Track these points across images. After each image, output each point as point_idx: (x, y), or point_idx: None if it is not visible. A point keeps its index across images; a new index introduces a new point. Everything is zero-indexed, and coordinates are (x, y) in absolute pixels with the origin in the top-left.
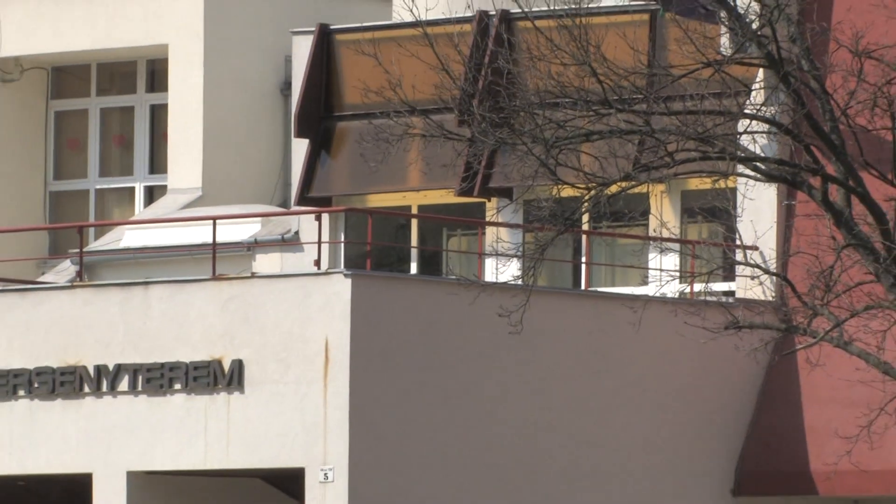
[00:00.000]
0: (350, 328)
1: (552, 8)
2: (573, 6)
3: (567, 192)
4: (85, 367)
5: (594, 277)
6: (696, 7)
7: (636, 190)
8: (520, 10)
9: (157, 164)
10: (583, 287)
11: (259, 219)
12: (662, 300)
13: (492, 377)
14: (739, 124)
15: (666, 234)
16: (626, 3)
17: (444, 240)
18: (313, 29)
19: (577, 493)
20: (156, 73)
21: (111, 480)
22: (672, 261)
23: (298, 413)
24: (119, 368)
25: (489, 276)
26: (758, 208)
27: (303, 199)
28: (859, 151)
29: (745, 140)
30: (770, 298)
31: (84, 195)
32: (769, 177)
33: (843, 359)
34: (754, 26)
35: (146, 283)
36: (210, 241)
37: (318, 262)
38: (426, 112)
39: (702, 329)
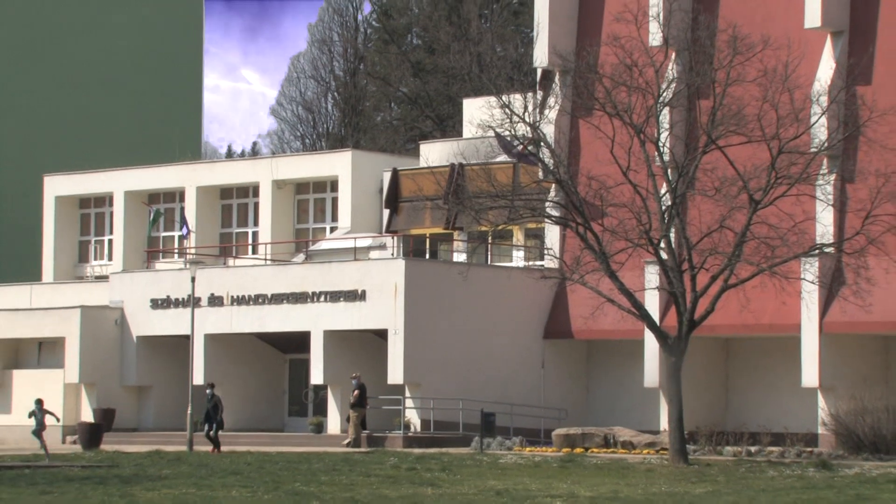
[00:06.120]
0: (405, 279)
1: (478, 162)
2: (487, 161)
3: (483, 228)
4: (307, 292)
5: (494, 259)
6: (530, 160)
7: (509, 227)
8: (466, 163)
9: (334, 217)
10: (489, 263)
11: (371, 238)
12: (519, 268)
13: (457, 296)
14: (547, 203)
15: (520, 243)
16: (505, 159)
17: (439, 245)
18: (390, 169)
19: (484, 333)
20: (333, 185)
21: (317, 335)
22: (521, 254)
23: (383, 309)
24: (320, 292)
25: (456, 259)
26: (553, 235)
27: (387, 231)
28: (589, 214)
29: (548, 209)
30: (557, 267)
31: (307, 230)
32: (557, 223)
33: (583, 289)
34: (551, 167)
35: (329, 262)
36: (352, 246)
37: (392, 254)
38: (433, 199)
39: (533, 278)
